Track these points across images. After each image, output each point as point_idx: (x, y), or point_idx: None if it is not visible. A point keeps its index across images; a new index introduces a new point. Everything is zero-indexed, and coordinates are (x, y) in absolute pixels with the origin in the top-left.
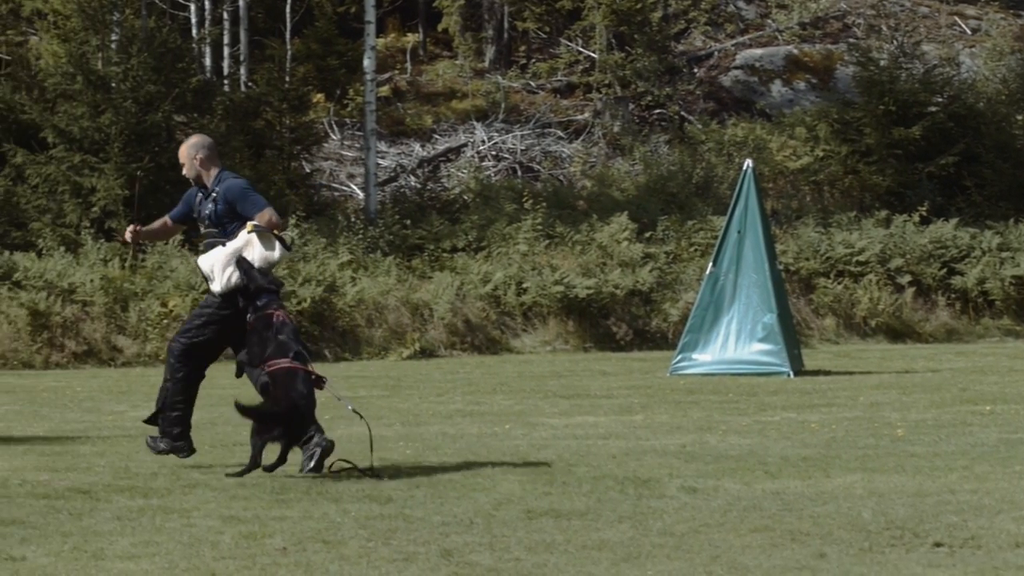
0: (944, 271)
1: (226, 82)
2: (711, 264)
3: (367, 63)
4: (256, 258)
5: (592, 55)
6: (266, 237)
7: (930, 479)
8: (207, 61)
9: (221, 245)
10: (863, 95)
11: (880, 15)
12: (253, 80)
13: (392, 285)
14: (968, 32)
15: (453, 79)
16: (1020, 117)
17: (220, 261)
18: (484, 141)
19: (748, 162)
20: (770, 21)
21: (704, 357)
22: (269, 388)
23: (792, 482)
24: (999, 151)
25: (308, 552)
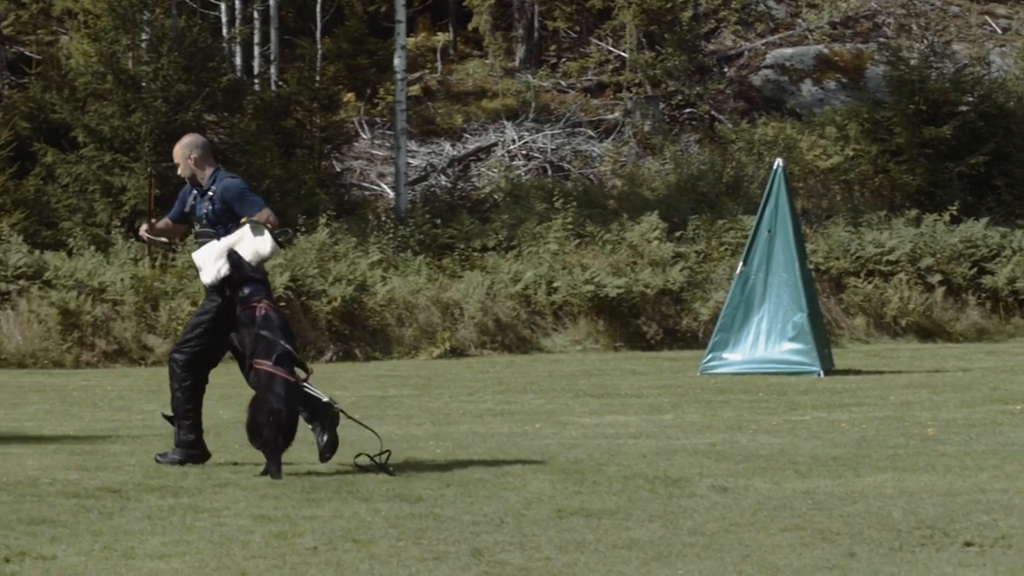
0: (974, 270)
1: (256, 81)
2: (741, 263)
3: (397, 62)
4: (247, 252)
5: (622, 54)
6: (258, 230)
7: (960, 478)
8: (237, 60)
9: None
10: (893, 94)
11: (910, 14)
12: (283, 79)
13: (422, 284)
14: (998, 31)
15: (483, 78)
16: None
17: (213, 253)
18: (514, 140)
19: (778, 161)
20: (800, 20)
21: (734, 356)
22: (258, 387)
23: (822, 481)
24: None
25: (338, 551)
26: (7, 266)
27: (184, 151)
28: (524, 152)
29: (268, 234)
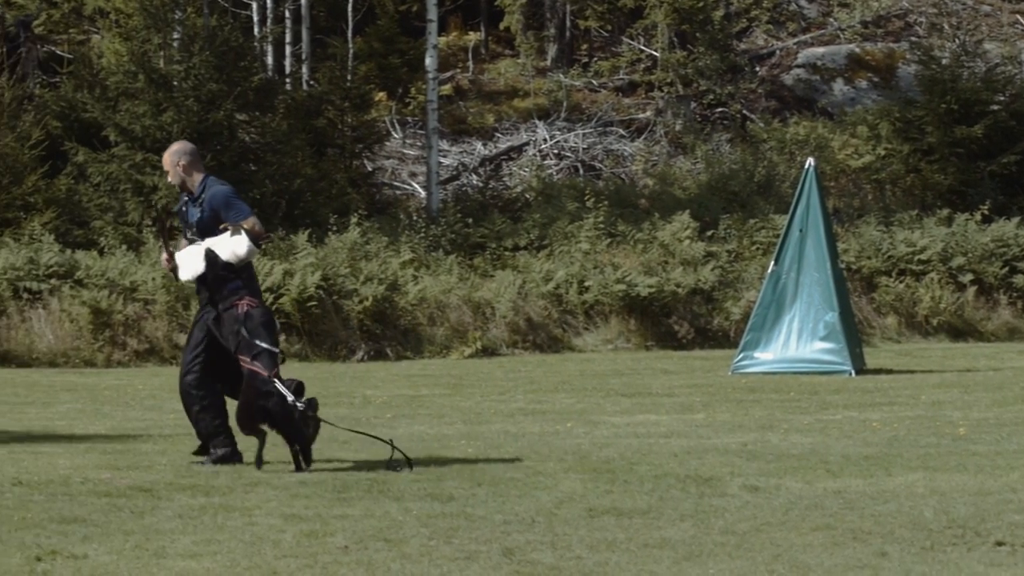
0: (1006, 270)
1: (288, 80)
2: (773, 263)
3: (429, 61)
4: (224, 252)
5: (654, 53)
6: (236, 231)
7: (992, 478)
8: (269, 59)
9: None
10: (925, 93)
11: (942, 13)
12: (315, 79)
13: (454, 284)
14: None
15: (515, 77)
16: None
17: (193, 253)
18: (546, 139)
19: (810, 160)
20: (832, 19)
21: (766, 356)
22: (243, 390)
23: (854, 481)
24: None
25: (370, 550)
26: (39, 265)
27: (173, 158)
28: (556, 151)
29: (245, 235)
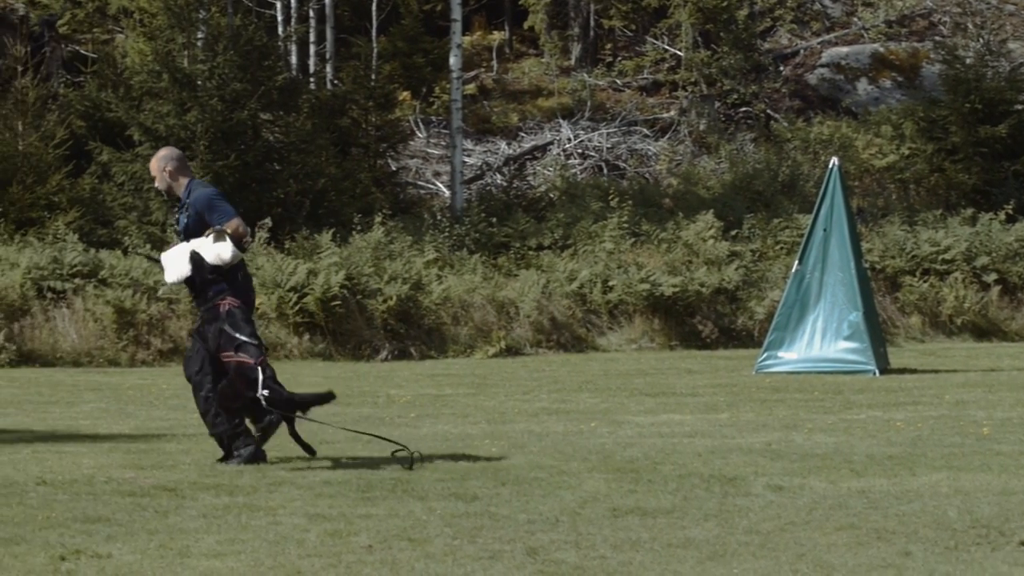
0: None
1: (312, 80)
2: (797, 262)
3: (453, 61)
4: (209, 255)
5: (678, 53)
6: (220, 237)
7: (1016, 477)
8: (293, 59)
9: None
10: (949, 93)
11: (966, 13)
12: (339, 78)
13: (478, 283)
14: None
15: (539, 77)
16: None
17: (177, 255)
18: (570, 139)
19: (834, 160)
20: (856, 19)
21: (790, 355)
22: (229, 378)
23: (878, 480)
24: None
25: (394, 550)
26: (63, 264)
27: (159, 164)
28: (580, 151)
29: (229, 240)
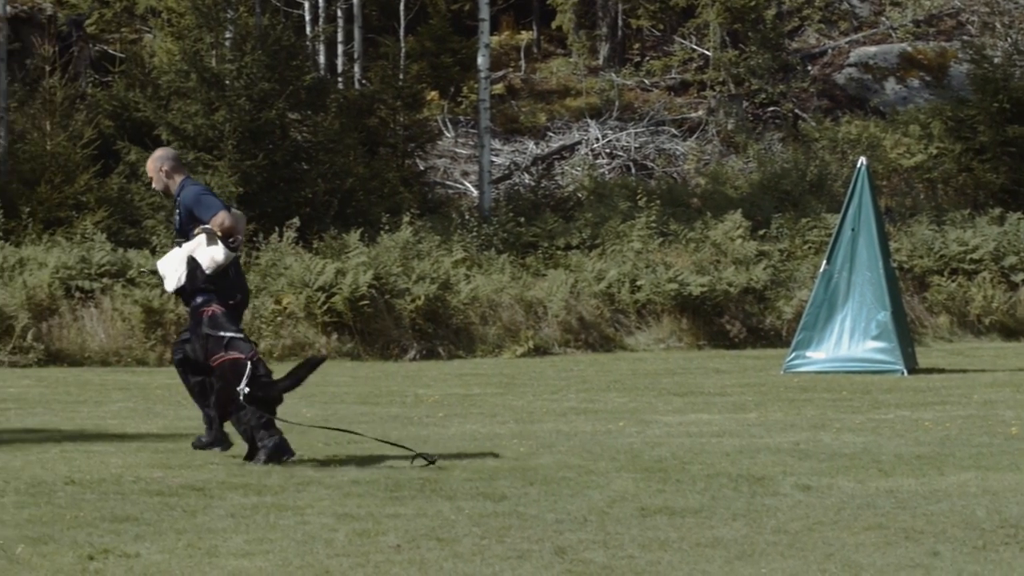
0: None
1: (340, 80)
2: (825, 262)
3: (481, 61)
4: (204, 259)
5: (706, 53)
6: (212, 240)
7: None
8: (321, 59)
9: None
10: (977, 92)
11: (994, 12)
12: (367, 78)
13: (506, 283)
14: None
15: (567, 77)
16: None
17: (173, 263)
18: (598, 139)
19: (862, 160)
20: (884, 19)
21: (818, 355)
22: (221, 380)
23: (906, 480)
24: None
25: (422, 549)
26: (91, 264)
27: (155, 164)
28: (608, 150)
29: (221, 242)
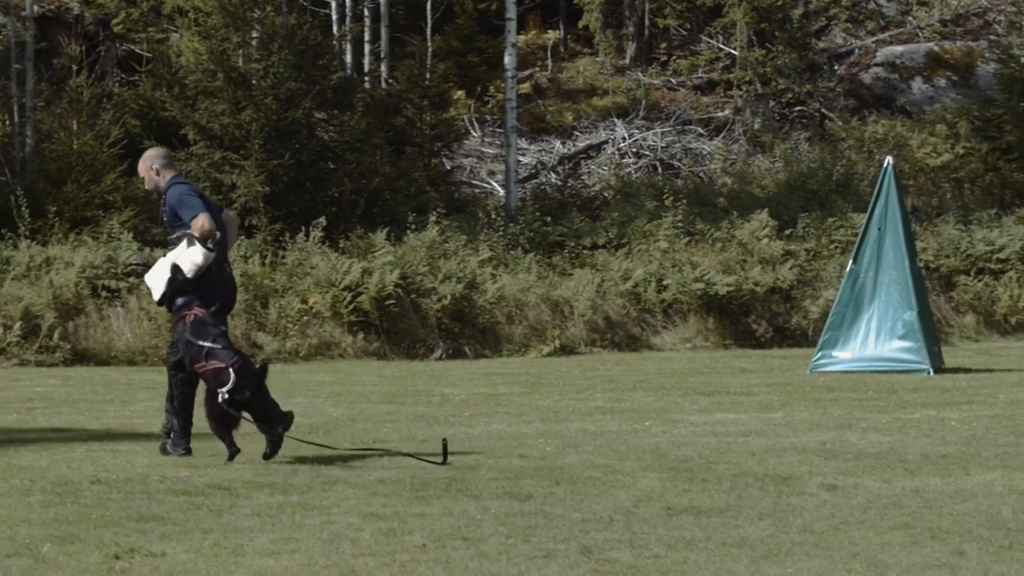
0: None
1: (367, 79)
2: (851, 261)
3: (508, 60)
4: (185, 264)
5: (733, 52)
6: (190, 242)
7: None
8: (348, 58)
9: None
10: (1004, 92)
11: (1021, 12)
12: (394, 77)
13: (532, 282)
14: None
15: (594, 76)
16: None
17: (159, 274)
18: (624, 138)
19: (888, 159)
20: (911, 18)
21: (844, 354)
22: (207, 390)
23: (932, 480)
24: None
25: (447, 549)
26: (117, 263)
27: (146, 163)
28: (634, 150)
29: (198, 244)
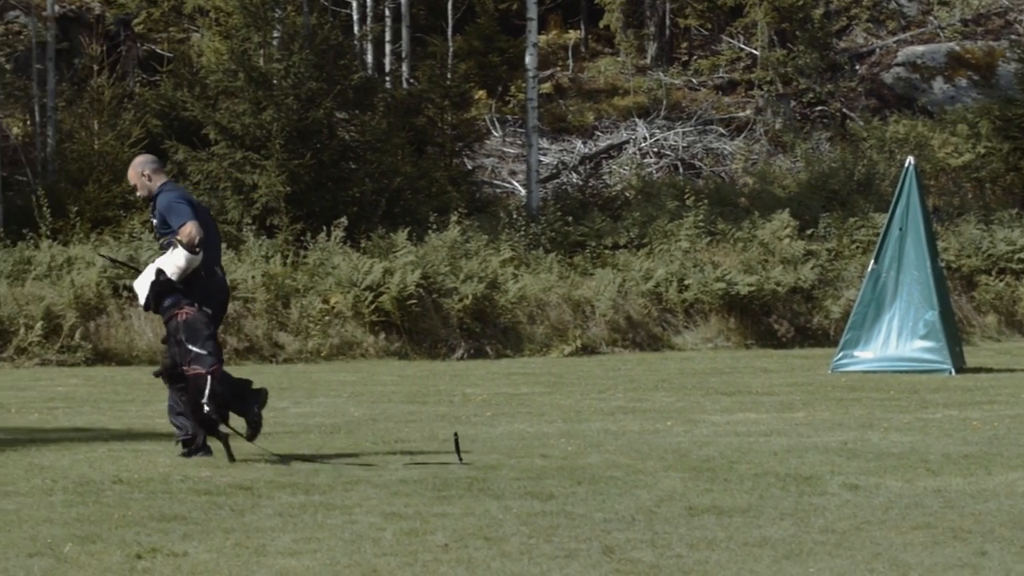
0: None
1: (388, 79)
2: (873, 261)
3: (529, 60)
4: (169, 267)
5: (754, 52)
6: (173, 245)
7: None
8: (369, 58)
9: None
10: None
11: None
12: (415, 77)
13: (554, 282)
14: None
15: (615, 76)
16: None
17: (145, 281)
18: (646, 138)
19: (910, 159)
20: (932, 18)
21: (866, 354)
22: (188, 391)
23: (954, 479)
24: None
25: (469, 548)
26: (138, 263)
27: (137, 170)
28: (655, 150)
29: (180, 246)
